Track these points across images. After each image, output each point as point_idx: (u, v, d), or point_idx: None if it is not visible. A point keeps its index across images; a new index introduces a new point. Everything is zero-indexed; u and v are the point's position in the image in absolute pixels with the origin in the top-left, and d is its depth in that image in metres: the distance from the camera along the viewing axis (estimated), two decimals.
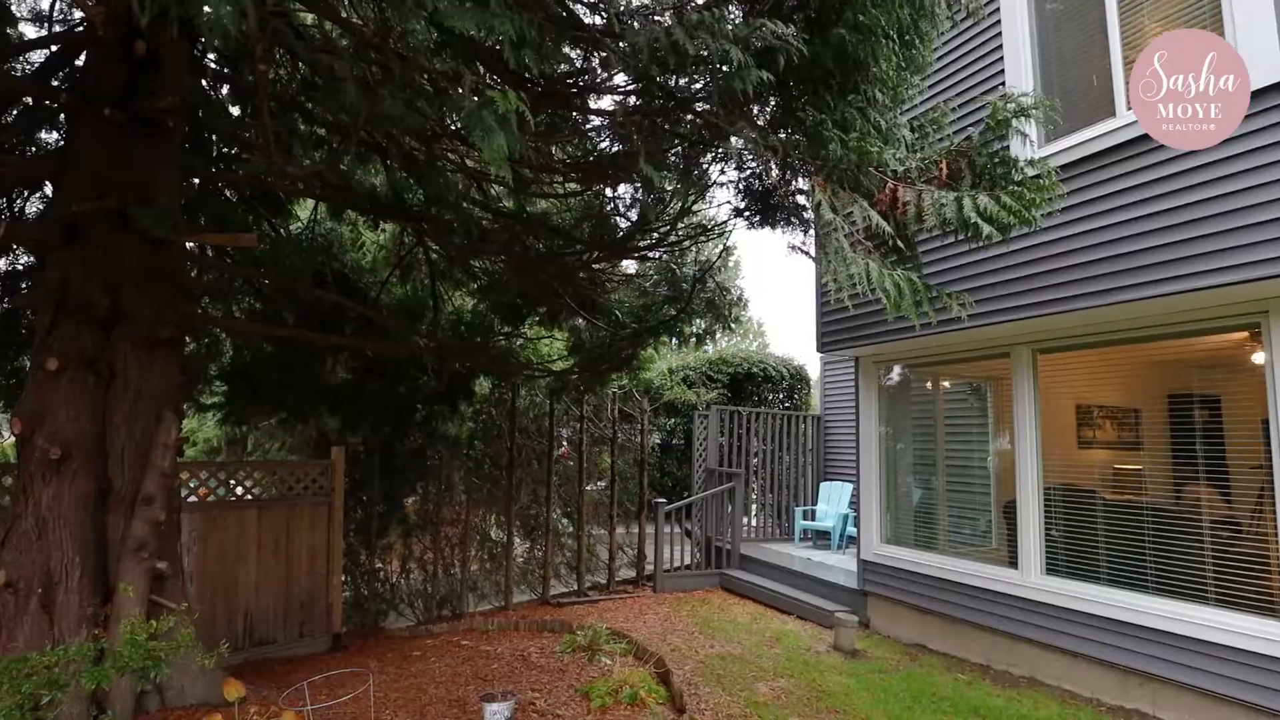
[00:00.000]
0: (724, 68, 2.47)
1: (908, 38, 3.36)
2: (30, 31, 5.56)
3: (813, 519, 9.80)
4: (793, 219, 4.12)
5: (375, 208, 4.83)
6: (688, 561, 8.91)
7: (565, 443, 8.90)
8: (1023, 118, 3.56)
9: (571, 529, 8.47)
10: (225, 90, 5.54)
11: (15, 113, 4.72)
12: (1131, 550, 4.90)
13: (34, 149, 5.14)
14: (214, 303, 6.36)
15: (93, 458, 3.65)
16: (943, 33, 5.88)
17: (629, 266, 6.48)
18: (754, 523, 10.18)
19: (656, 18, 4.59)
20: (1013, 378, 5.66)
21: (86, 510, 3.60)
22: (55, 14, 4.99)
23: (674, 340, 6.33)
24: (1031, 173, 3.59)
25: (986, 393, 6.60)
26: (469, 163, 4.18)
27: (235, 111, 5.53)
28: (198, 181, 5.37)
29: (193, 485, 5.51)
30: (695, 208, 5.63)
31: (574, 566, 8.36)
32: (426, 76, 2.05)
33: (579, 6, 3.73)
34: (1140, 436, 5.57)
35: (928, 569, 6.20)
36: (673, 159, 4.84)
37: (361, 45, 2.25)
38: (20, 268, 5.62)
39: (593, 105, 4.70)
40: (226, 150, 5.59)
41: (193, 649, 3.18)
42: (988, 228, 2.92)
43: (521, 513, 8.12)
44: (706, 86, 2.90)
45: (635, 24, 4.36)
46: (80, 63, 4.40)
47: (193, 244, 5.16)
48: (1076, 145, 4.82)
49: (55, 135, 5.19)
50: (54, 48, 4.49)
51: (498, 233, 5.40)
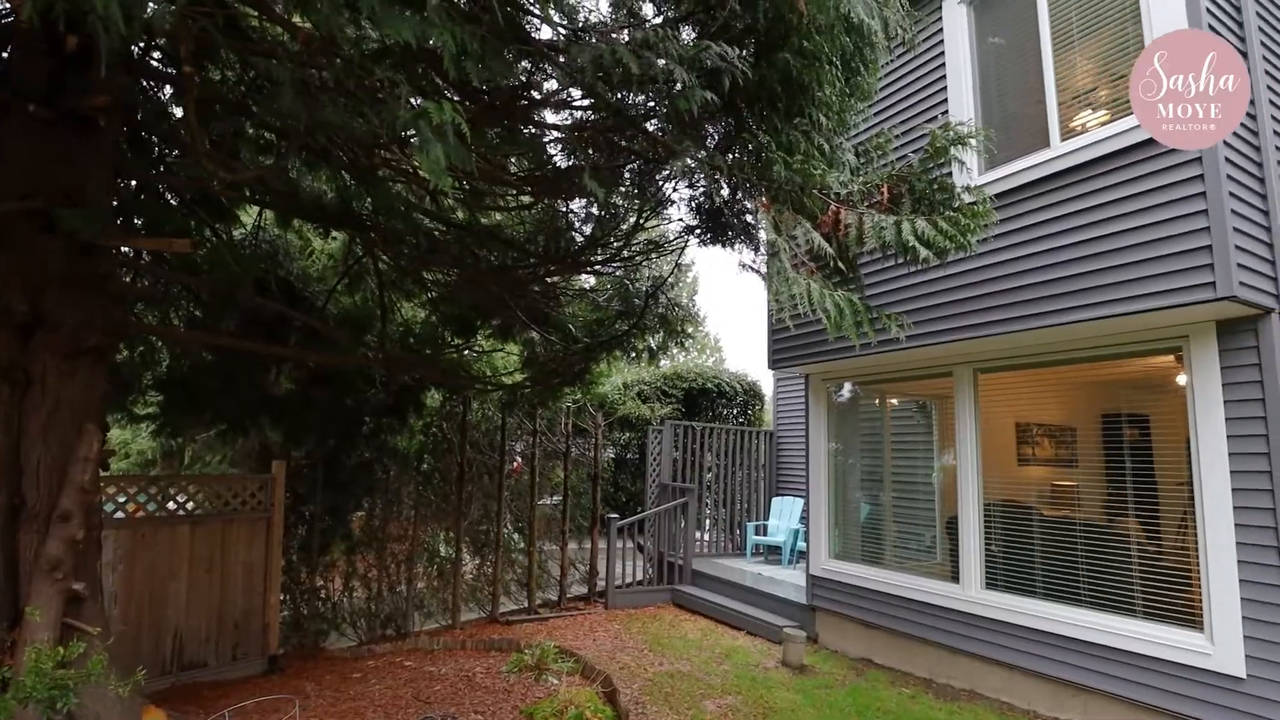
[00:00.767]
0: (670, 87, 2.49)
1: (853, 64, 3.45)
2: None
3: (765, 534, 9.87)
4: (743, 238, 4.17)
5: (322, 216, 4.72)
6: (640, 577, 8.87)
7: (519, 457, 8.80)
8: (960, 146, 3.69)
9: (523, 545, 8.36)
10: (169, 90, 5.36)
11: None
12: (1065, 565, 5.06)
13: None
14: (150, 309, 6.12)
15: (4, 472, 3.44)
16: (890, 61, 6.09)
17: (584, 281, 6.47)
18: (707, 537, 10.20)
19: (614, 34, 4.64)
20: (955, 396, 5.82)
21: None
22: None
23: (627, 355, 6.33)
24: (969, 199, 3.73)
25: (932, 410, 6.77)
26: (424, 174, 4.13)
27: (179, 113, 5.36)
28: (135, 184, 5.18)
29: (120, 500, 5.26)
30: (653, 224, 5.67)
31: (525, 583, 8.24)
32: (366, 84, 2.02)
33: (533, 20, 3.75)
34: (1075, 454, 5.77)
35: (874, 584, 6.30)
36: (628, 175, 4.88)
37: (302, 50, 2.21)
38: None
39: (551, 119, 4.71)
40: (168, 152, 5.40)
41: (107, 675, 3.01)
42: (924, 251, 3.01)
43: (472, 528, 7.98)
44: (655, 105, 2.93)
45: (592, 39, 4.40)
46: (6, 55, 4.21)
47: (128, 249, 4.96)
48: (1014, 174, 5.02)
49: None
50: None
51: (449, 244, 5.33)
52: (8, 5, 3.86)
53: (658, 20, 4.12)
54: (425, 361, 5.90)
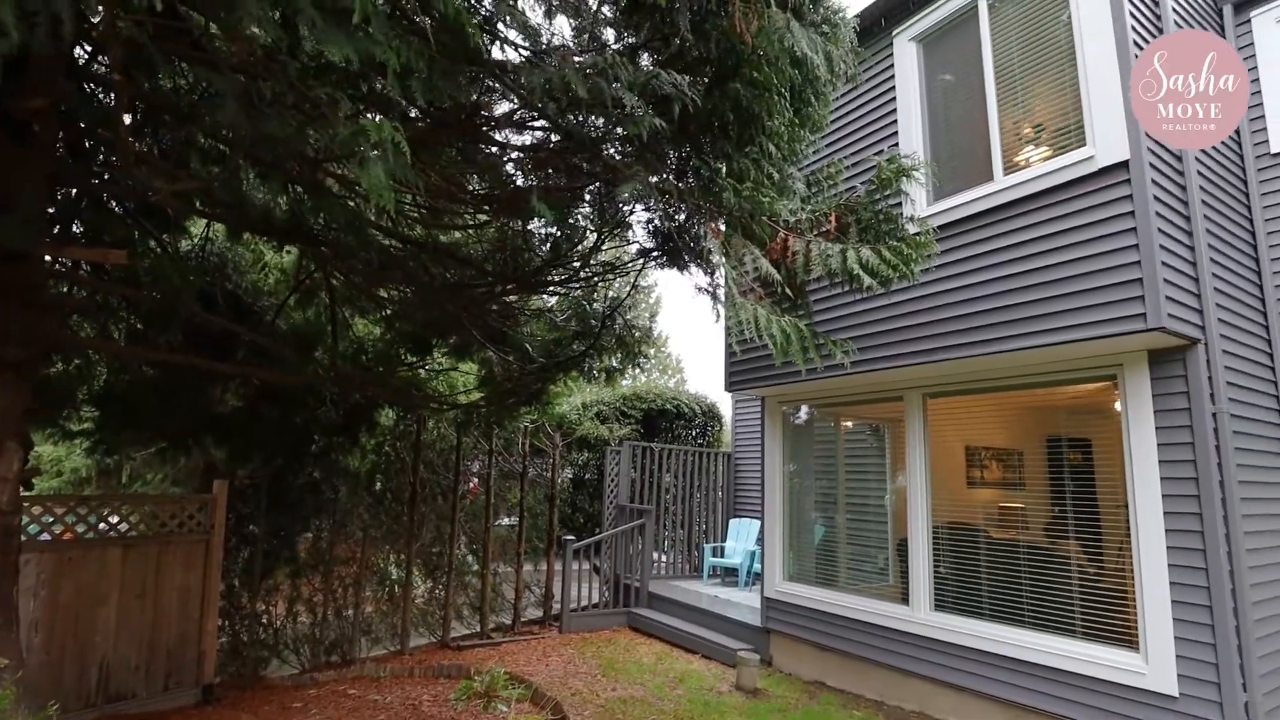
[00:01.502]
0: (620, 112, 2.52)
1: (803, 95, 3.54)
2: None
3: (722, 556, 9.87)
4: (697, 261, 4.21)
5: (271, 230, 4.62)
6: (596, 600, 8.76)
7: (474, 478, 8.66)
8: (904, 178, 3.81)
9: (477, 567, 8.19)
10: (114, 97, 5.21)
11: None
12: (1011, 586, 5.16)
13: None
14: (87, 321, 5.88)
15: None
16: (843, 94, 6.26)
17: (542, 300, 6.44)
18: (666, 559, 10.15)
19: (576, 57, 4.68)
20: (905, 420, 5.93)
21: None
22: None
23: (584, 376, 6.31)
24: (913, 229, 3.84)
25: (885, 433, 6.89)
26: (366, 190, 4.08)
27: (127, 120, 5.21)
28: (75, 192, 5.00)
29: (47, 521, 5.00)
30: (612, 246, 5.69)
31: (477, 607, 8.06)
32: (308, 99, 1.99)
33: (498, 40, 3.76)
34: (1022, 477, 5.92)
35: (828, 606, 6.33)
36: (588, 196, 4.89)
37: (243, 61, 2.17)
38: None
39: (515, 140, 4.71)
40: (114, 160, 5.24)
41: (16, 710, 2.84)
42: (868, 279, 3.08)
43: (424, 550, 7.79)
44: (610, 129, 2.95)
45: (554, 61, 4.42)
46: None
47: (65, 259, 4.77)
48: (960, 205, 5.19)
49: None
50: None
51: (404, 260, 5.26)
52: None
53: (618, 46, 4.19)
54: (378, 379, 5.78)
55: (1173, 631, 4.20)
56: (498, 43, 3.67)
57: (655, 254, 4.45)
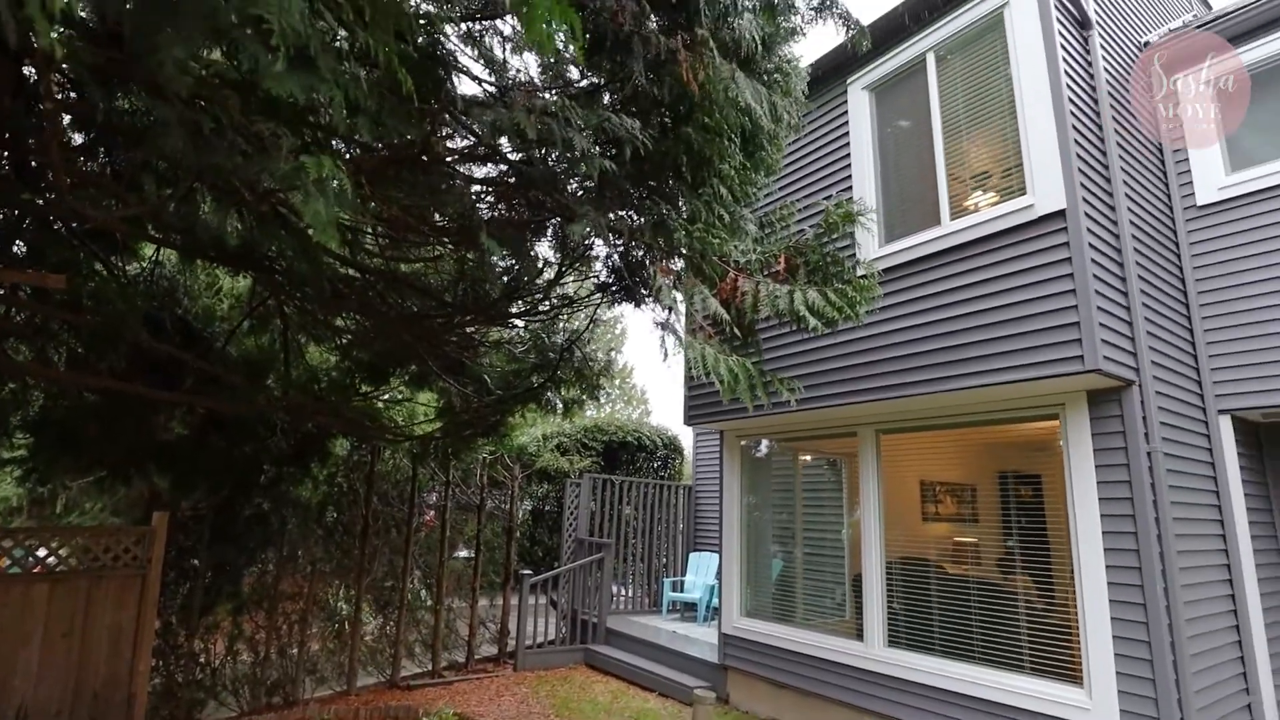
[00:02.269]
0: (569, 154, 2.57)
1: (756, 140, 3.65)
2: None
3: (681, 590, 9.79)
4: (654, 297, 4.27)
5: (223, 256, 4.54)
6: (552, 636, 8.59)
7: (430, 510, 8.49)
8: (850, 223, 3.94)
9: (430, 602, 7.98)
10: (68, 119, 5.12)
11: None
12: (961, 621, 5.22)
13: None
14: (25, 345, 5.68)
15: None
16: (799, 138, 6.46)
17: (502, 331, 6.42)
18: (627, 593, 10.03)
19: (541, 93, 4.75)
20: (859, 456, 6.02)
21: None
22: None
23: (542, 408, 6.27)
24: (862, 272, 3.96)
25: (842, 468, 6.97)
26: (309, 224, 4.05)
27: (79, 139, 5.12)
28: (17, 212, 4.86)
29: None
30: (571, 280, 5.72)
31: (430, 644, 7.84)
32: (251, 132, 1.99)
33: (460, 75, 3.80)
34: (975, 512, 6.03)
35: (783, 642, 6.31)
36: (550, 229, 4.93)
37: (189, 91, 2.16)
38: None
39: (480, 173, 4.74)
40: (69, 181, 5.12)
41: None
42: (814, 320, 3.16)
43: (375, 585, 7.58)
44: (563, 167, 3.00)
45: (519, 96, 4.48)
46: None
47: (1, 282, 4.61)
48: (910, 248, 5.36)
49: None
50: None
51: (360, 289, 5.22)
52: None
53: (584, 84, 4.28)
54: (330, 409, 5.67)
55: (1114, 667, 4.29)
56: (463, 77, 3.73)
57: (613, 289, 4.49)
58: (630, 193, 3.96)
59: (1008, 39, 5.01)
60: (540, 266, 5.05)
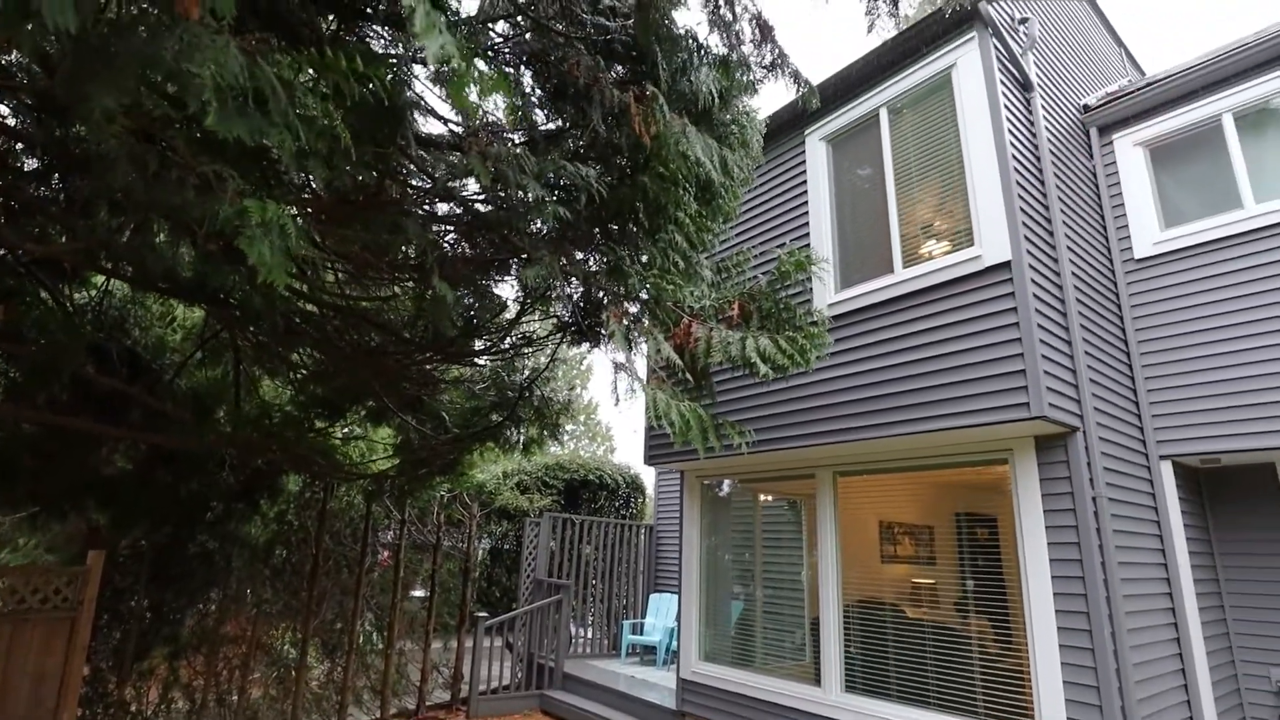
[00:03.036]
0: (523, 200, 2.61)
1: (713, 189, 3.74)
2: None
3: (641, 632, 9.63)
4: (611, 340, 4.29)
5: (174, 289, 4.46)
6: (507, 681, 8.35)
7: (384, 549, 8.27)
8: (801, 271, 4.04)
9: (381, 646, 7.71)
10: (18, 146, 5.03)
11: None
12: (918, 666, 5.22)
13: None
14: None
15: None
16: (758, 185, 6.63)
17: (460, 370, 6.37)
18: (587, 634, 9.82)
19: (508, 134, 4.81)
20: (817, 498, 6.06)
21: None
22: None
23: (500, 447, 6.20)
24: (816, 319, 4.05)
25: (802, 509, 6.99)
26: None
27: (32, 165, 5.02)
28: None
29: None
30: (537, 318, 5.72)
31: (379, 690, 7.55)
32: (196, 173, 1.98)
33: (424, 116, 3.85)
34: (934, 553, 6.07)
35: (742, 688, 6.23)
36: (513, 267, 4.95)
37: (129, 128, 2.14)
38: None
39: (443, 209, 4.75)
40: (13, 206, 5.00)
41: None
42: (764, 367, 3.21)
43: (324, 627, 7.31)
44: (513, 211, 3.03)
45: (485, 136, 4.53)
46: None
47: None
48: (865, 294, 5.50)
49: None
50: None
51: (319, 324, 5.14)
52: None
53: (550, 126, 4.36)
54: (281, 445, 5.53)
55: (1065, 712, 4.32)
56: (429, 117, 3.77)
57: (572, 329, 4.51)
58: (591, 234, 4.02)
59: (955, 98, 5.26)
60: (502, 304, 5.06)
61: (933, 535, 6.16)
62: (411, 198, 3.25)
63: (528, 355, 5.83)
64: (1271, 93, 5.48)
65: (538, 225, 4.10)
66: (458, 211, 3.34)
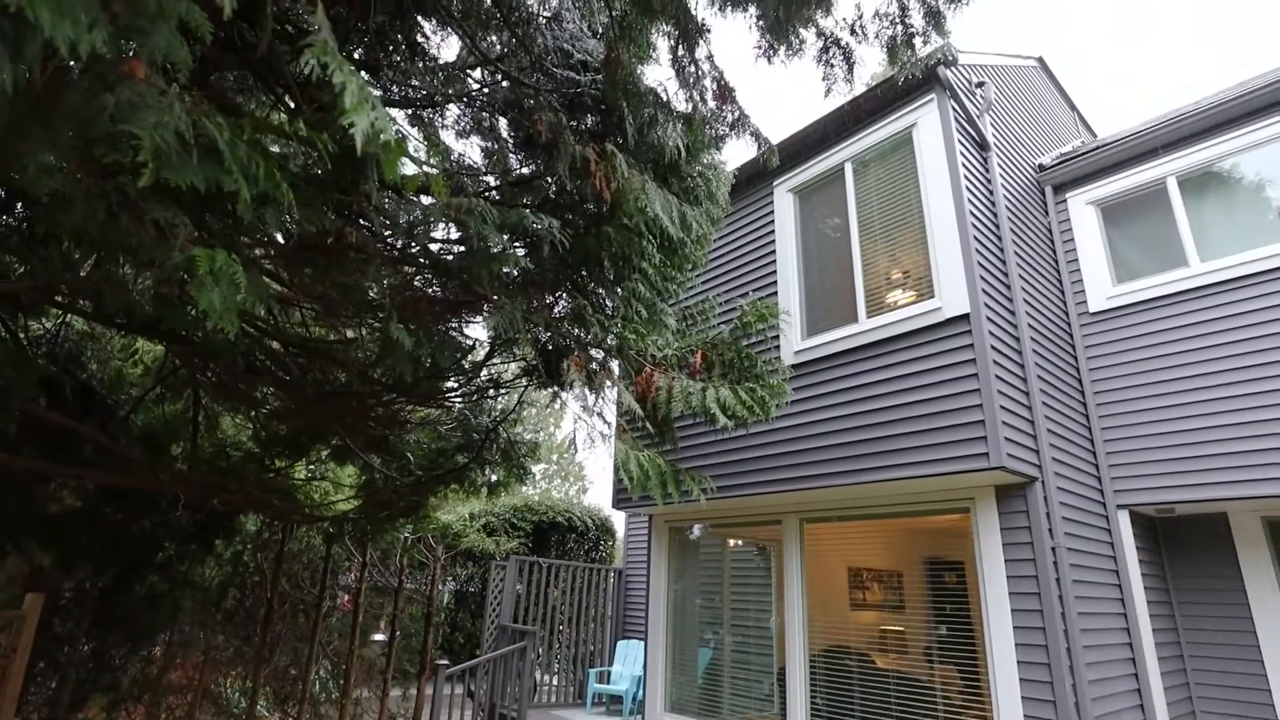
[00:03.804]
0: (485, 249, 2.64)
1: (680, 239, 3.80)
2: None
3: (608, 681, 9.39)
4: (573, 387, 4.29)
5: (132, 325, 4.38)
6: None
7: (344, 593, 8.03)
8: (763, 322, 4.10)
9: (336, 694, 7.43)
10: None
11: None
12: (882, 713, 5.15)
13: None
14: None
15: None
16: (726, 235, 6.76)
17: (425, 411, 6.30)
18: (554, 681, 9.54)
19: (484, 176, 4.86)
20: (783, 544, 6.04)
21: None
22: None
23: (465, 489, 6.11)
24: (778, 369, 4.10)
25: (770, 555, 6.95)
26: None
27: None
28: None
29: None
30: (504, 359, 5.70)
31: None
32: (144, 220, 1.97)
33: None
34: (902, 599, 6.04)
35: None
36: (484, 308, 4.96)
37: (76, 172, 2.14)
38: None
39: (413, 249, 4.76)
40: None
41: None
42: (723, 418, 3.23)
43: (277, 674, 7.04)
44: (473, 259, 3.05)
45: (464, 178, 4.57)
46: None
47: None
48: (830, 342, 5.58)
49: None
50: None
51: (283, 362, 5.07)
52: None
53: (524, 170, 4.42)
54: (238, 484, 5.39)
55: None
56: (405, 160, 3.81)
57: (538, 373, 4.51)
58: (558, 281, 4.06)
59: (916, 155, 5.45)
60: (468, 348, 5.04)
61: (901, 581, 6.15)
62: (374, 243, 3.26)
63: (495, 397, 5.80)
64: (1214, 157, 5.76)
65: (506, 271, 4.14)
66: (422, 260, 3.35)
